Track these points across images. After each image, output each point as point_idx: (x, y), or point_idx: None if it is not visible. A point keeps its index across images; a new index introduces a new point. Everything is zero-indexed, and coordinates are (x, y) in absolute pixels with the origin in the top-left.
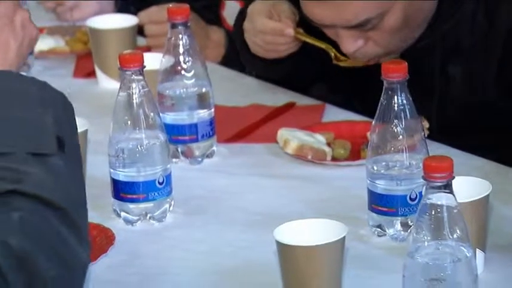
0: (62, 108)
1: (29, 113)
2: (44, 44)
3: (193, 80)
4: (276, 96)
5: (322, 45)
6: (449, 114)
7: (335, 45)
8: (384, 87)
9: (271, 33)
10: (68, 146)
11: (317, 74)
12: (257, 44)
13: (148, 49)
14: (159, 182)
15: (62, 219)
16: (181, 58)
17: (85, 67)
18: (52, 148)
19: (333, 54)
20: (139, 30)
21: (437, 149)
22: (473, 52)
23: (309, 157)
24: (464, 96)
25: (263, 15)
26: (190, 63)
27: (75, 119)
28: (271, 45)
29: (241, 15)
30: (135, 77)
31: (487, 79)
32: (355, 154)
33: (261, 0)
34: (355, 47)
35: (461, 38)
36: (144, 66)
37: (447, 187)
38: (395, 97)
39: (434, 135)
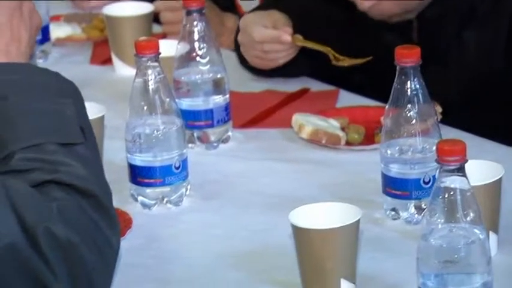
0: (78, 98)
1: (53, 104)
2: (61, 31)
3: (208, 66)
4: (290, 82)
5: (321, 48)
6: (463, 84)
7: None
8: (397, 72)
9: (270, 41)
10: (87, 134)
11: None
12: (255, 56)
13: (164, 36)
14: (175, 167)
15: (94, 207)
16: (196, 45)
17: (102, 54)
18: (78, 137)
19: (332, 56)
20: (155, 17)
21: (450, 132)
22: (486, 19)
23: (323, 142)
24: (478, 65)
25: (259, 25)
26: (205, 49)
27: (85, 106)
28: (270, 53)
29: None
30: (151, 64)
31: (498, 47)
32: (369, 138)
33: (252, 13)
34: (371, 3)
35: (474, 4)
36: (160, 53)
37: (460, 170)
38: (409, 82)
39: (448, 109)
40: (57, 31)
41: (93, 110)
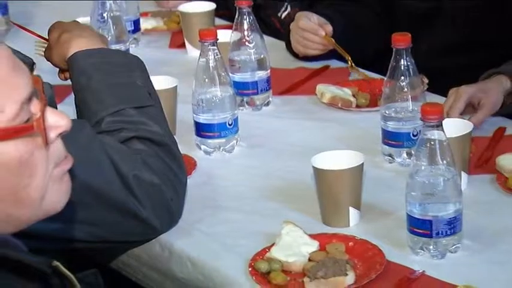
0: (143, 69)
1: (126, 78)
2: (148, 24)
3: (254, 49)
4: (315, 61)
5: (343, 53)
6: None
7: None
8: (393, 53)
9: (309, 30)
10: (154, 97)
11: None
12: (296, 40)
13: (222, 27)
14: (229, 124)
15: (167, 153)
16: (245, 33)
17: (177, 40)
18: (148, 101)
19: (349, 63)
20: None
21: (433, 98)
22: None
23: (339, 105)
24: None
25: (306, 18)
26: (252, 37)
27: (149, 75)
28: (306, 41)
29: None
30: (211, 47)
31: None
32: (373, 102)
33: (306, 11)
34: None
35: None
36: (217, 39)
37: (439, 126)
38: (402, 60)
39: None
40: (145, 24)
41: (169, 82)
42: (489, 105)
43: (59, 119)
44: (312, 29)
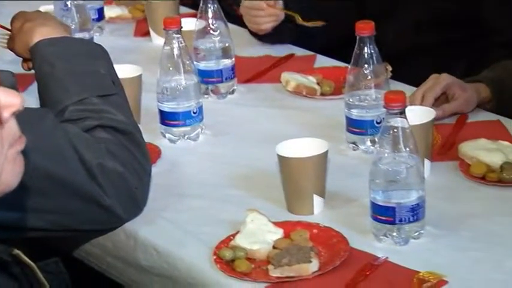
0: (107, 58)
1: (90, 66)
2: (112, 12)
3: (219, 38)
4: (280, 49)
5: (289, 12)
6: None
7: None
8: (357, 41)
9: (253, 7)
10: (117, 85)
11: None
12: (248, 21)
13: (187, 15)
14: (193, 112)
15: (130, 141)
16: (210, 21)
17: (142, 29)
18: (112, 90)
19: (297, 19)
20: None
21: (396, 86)
22: None
23: (304, 93)
24: None
25: None
26: (216, 25)
27: (113, 64)
28: (255, 18)
29: None
30: (175, 35)
31: None
32: (337, 90)
33: None
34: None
35: None
36: (181, 27)
37: (402, 113)
38: (366, 48)
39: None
40: (110, 12)
41: (133, 71)
42: (463, 101)
43: (12, 98)
44: (256, 5)
